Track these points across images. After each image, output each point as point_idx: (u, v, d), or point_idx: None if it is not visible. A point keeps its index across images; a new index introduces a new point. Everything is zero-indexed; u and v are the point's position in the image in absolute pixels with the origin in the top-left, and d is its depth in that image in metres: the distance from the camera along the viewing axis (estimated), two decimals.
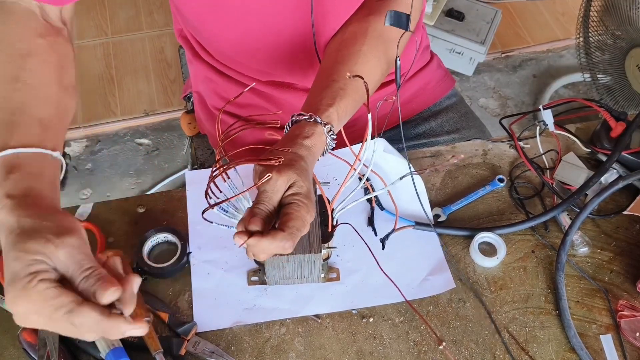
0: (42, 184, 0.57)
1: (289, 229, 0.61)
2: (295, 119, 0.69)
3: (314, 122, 0.68)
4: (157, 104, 2.09)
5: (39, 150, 0.59)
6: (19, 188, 0.55)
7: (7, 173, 0.56)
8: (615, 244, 0.83)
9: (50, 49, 0.68)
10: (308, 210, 0.63)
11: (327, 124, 0.69)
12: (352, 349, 0.73)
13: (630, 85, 1.58)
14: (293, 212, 0.62)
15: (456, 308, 0.77)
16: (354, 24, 0.81)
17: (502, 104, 2.16)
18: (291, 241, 0.61)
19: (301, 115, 0.69)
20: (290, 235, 0.61)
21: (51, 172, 0.60)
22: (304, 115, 0.69)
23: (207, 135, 1.11)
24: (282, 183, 0.63)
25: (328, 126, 0.69)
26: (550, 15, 2.43)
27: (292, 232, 0.61)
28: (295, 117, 0.69)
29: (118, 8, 2.40)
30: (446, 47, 2.07)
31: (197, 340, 0.72)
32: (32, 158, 0.58)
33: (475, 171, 0.91)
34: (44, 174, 0.58)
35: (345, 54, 0.78)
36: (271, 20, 0.82)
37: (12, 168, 0.56)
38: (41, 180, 0.57)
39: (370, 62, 0.78)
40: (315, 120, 0.68)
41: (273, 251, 0.62)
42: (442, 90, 1.09)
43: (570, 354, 0.73)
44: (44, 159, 0.59)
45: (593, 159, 0.91)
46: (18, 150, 0.57)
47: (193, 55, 0.99)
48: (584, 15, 1.65)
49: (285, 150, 0.65)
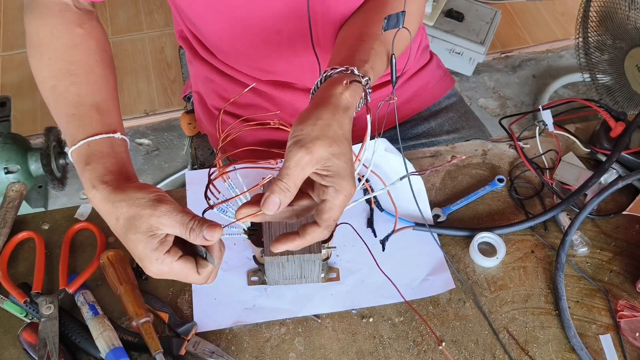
0: (116, 163, 0.64)
1: (325, 222, 0.57)
2: (328, 73, 0.63)
3: (350, 74, 0.62)
4: (157, 104, 2.09)
5: (104, 136, 0.66)
6: (99, 174, 0.62)
7: (85, 164, 0.63)
8: (614, 244, 0.83)
9: (89, 36, 0.74)
10: (347, 192, 0.57)
11: (365, 77, 0.63)
12: (352, 349, 0.73)
13: (629, 85, 1.58)
14: (330, 200, 0.57)
15: (456, 308, 0.77)
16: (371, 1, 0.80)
17: (501, 104, 2.16)
18: (327, 231, 0.58)
19: (335, 69, 0.63)
20: (326, 229, 0.58)
21: (120, 149, 0.67)
22: (339, 67, 0.62)
23: (207, 135, 1.11)
24: (310, 162, 0.56)
25: (366, 78, 0.63)
26: (549, 16, 2.43)
27: (329, 224, 0.58)
28: (329, 71, 0.63)
29: (118, 8, 2.40)
30: (446, 47, 2.07)
31: (197, 340, 0.72)
32: (100, 144, 0.65)
33: (475, 171, 0.91)
34: (116, 153, 0.65)
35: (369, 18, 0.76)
36: (271, 19, 0.82)
37: (88, 158, 0.64)
38: (115, 160, 0.65)
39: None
40: (352, 72, 0.62)
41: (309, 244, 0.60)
42: (442, 90, 1.10)
43: (570, 354, 0.73)
44: (111, 141, 0.66)
45: (592, 159, 0.91)
46: (87, 140, 0.65)
47: (193, 55, 0.99)
48: (583, 15, 1.66)
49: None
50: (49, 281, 0.77)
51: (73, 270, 0.78)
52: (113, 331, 0.70)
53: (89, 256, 0.79)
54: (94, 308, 0.72)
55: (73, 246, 0.80)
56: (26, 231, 0.80)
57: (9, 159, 1.37)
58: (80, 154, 0.65)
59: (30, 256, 0.79)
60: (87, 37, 0.74)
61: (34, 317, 0.73)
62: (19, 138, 1.44)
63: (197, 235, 0.57)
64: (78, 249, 0.80)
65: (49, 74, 0.71)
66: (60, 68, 0.71)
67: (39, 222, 0.83)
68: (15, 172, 1.38)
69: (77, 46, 0.73)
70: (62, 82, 0.70)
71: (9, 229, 0.80)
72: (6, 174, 1.37)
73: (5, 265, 0.77)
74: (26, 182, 1.39)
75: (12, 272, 0.78)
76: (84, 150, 0.65)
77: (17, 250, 0.80)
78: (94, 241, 0.80)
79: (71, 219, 0.83)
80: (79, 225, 0.81)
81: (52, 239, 0.81)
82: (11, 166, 1.37)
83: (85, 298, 0.73)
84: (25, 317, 0.74)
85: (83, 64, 0.72)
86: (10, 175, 1.37)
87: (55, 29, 0.73)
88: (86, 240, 0.81)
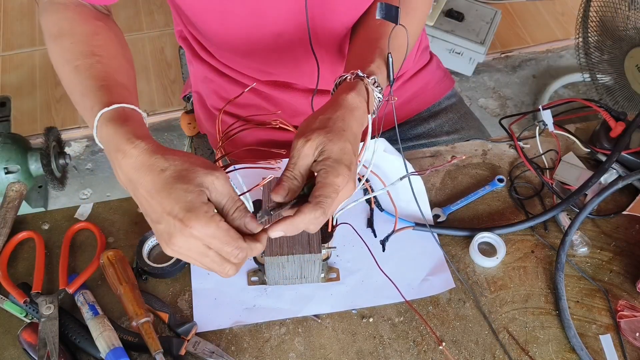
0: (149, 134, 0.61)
1: (316, 199, 0.57)
2: (338, 81, 0.68)
3: (356, 77, 0.66)
4: (157, 104, 2.10)
5: (135, 108, 0.64)
6: (141, 133, 0.59)
7: (124, 121, 0.60)
8: (614, 244, 0.83)
9: (108, 29, 0.75)
10: (337, 173, 0.58)
11: (370, 75, 0.66)
12: (352, 349, 0.73)
13: (629, 85, 1.58)
14: (321, 180, 0.58)
15: (456, 308, 0.77)
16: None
17: (501, 104, 2.16)
18: (320, 210, 0.57)
19: (342, 76, 0.67)
20: (318, 205, 0.57)
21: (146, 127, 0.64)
22: (344, 75, 0.67)
23: (207, 135, 1.11)
24: (309, 149, 0.59)
25: (372, 77, 0.66)
26: (549, 16, 2.43)
27: (319, 201, 0.57)
28: (338, 79, 0.68)
29: (118, 8, 2.39)
30: (446, 47, 2.07)
31: (197, 340, 0.72)
32: (132, 113, 0.63)
33: (475, 171, 0.91)
34: (145, 127, 0.63)
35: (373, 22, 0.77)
36: (271, 23, 0.82)
37: (126, 117, 0.61)
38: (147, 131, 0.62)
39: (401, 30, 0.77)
40: (357, 75, 0.66)
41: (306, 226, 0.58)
42: (442, 90, 1.09)
43: (570, 354, 0.73)
44: (139, 116, 0.64)
45: (593, 159, 0.91)
46: (124, 105, 0.62)
47: (193, 55, 0.99)
48: (583, 15, 1.66)
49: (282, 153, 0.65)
50: (49, 281, 0.77)
51: (73, 270, 0.78)
52: (113, 331, 0.70)
53: (89, 256, 0.80)
54: (94, 308, 0.72)
55: (73, 246, 0.80)
56: (26, 231, 0.80)
57: (9, 159, 1.37)
58: (115, 113, 0.61)
59: (30, 256, 0.79)
60: (107, 29, 0.74)
61: (34, 317, 0.73)
62: (19, 138, 1.44)
63: (241, 217, 0.56)
64: (78, 249, 0.80)
65: (72, 56, 0.69)
66: (84, 50, 0.69)
67: (39, 222, 0.83)
68: (15, 172, 1.38)
69: (98, 34, 0.72)
70: (87, 61, 0.68)
71: (9, 229, 0.80)
72: (6, 174, 1.37)
73: (5, 265, 0.77)
74: (26, 182, 1.39)
75: (12, 272, 0.78)
76: (120, 111, 0.62)
77: (17, 250, 0.80)
78: (94, 241, 0.80)
79: (71, 219, 0.83)
80: (79, 225, 0.81)
81: (52, 239, 0.81)
82: (11, 166, 1.37)
83: (85, 298, 0.73)
84: (25, 317, 0.74)
85: (105, 49, 0.71)
86: (10, 175, 1.37)
87: (75, 20, 0.73)
88: (86, 240, 0.81)
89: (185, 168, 0.55)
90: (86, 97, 0.65)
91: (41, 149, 1.38)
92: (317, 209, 0.57)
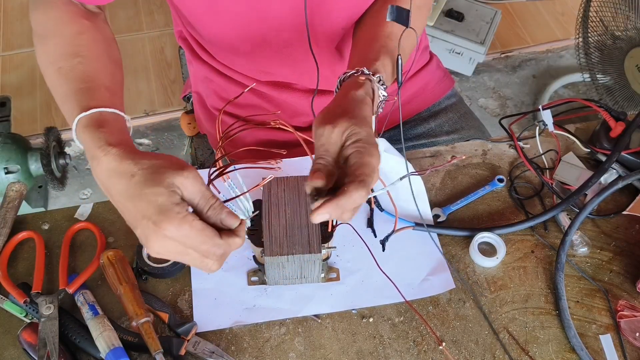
0: (128, 138, 0.62)
1: (358, 177, 0.57)
2: (342, 77, 0.68)
3: (361, 74, 0.67)
4: (157, 104, 2.09)
5: (115, 111, 0.64)
6: (115, 139, 0.59)
7: (98, 127, 0.61)
8: (614, 244, 0.83)
9: (95, 28, 0.74)
10: (371, 154, 0.59)
11: (376, 74, 0.67)
12: (352, 349, 0.73)
13: (629, 85, 1.58)
14: (357, 160, 0.58)
15: (456, 308, 0.77)
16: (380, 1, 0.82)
17: (501, 104, 2.16)
18: (365, 188, 0.57)
19: (347, 72, 0.68)
20: (362, 183, 0.57)
21: (127, 130, 0.65)
22: (350, 71, 0.67)
23: (207, 135, 1.11)
24: (338, 133, 0.60)
25: (377, 75, 0.67)
26: (549, 16, 2.43)
27: (362, 179, 0.57)
28: (342, 76, 0.68)
29: (118, 8, 2.40)
30: (446, 47, 2.07)
31: (197, 340, 0.72)
32: (111, 117, 0.63)
33: (475, 171, 0.91)
34: (124, 131, 0.64)
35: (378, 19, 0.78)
36: (270, 23, 0.82)
37: (102, 123, 0.61)
38: (126, 135, 0.63)
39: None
40: (363, 72, 0.67)
41: (352, 205, 0.58)
42: (442, 90, 1.10)
43: (570, 354, 0.73)
44: (120, 118, 0.64)
45: (592, 159, 0.91)
46: (102, 110, 0.63)
47: (192, 55, 0.99)
48: (583, 15, 1.66)
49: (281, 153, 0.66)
50: (49, 281, 0.77)
51: (73, 270, 0.78)
52: (113, 331, 0.70)
53: (89, 256, 0.79)
54: (94, 308, 0.72)
55: (73, 246, 0.80)
56: (26, 231, 0.80)
57: (9, 159, 1.37)
58: (91, 119, 0.62)
59: (30, 256, 0.79)
60: (94, 29, 0.74)
61: (33, 317, 0.73)
62: (19, 138, 1.44)
63: (216, 215, 0.56)
64: (78, 249, 0.80)
65: (55, 58, 0.70)
66: (67, 51, 0.70)
67: (39, 222, 0.83)
68: (15, 172, 1.38)
69: (83, 33, 0.72)
70: (69, 62, 0.68)
71: (9, 229, 0.80)
72: (6, 174, 1.37)
73: (5, 265, 0.77)
74: (26, 182, 1.39)
75: (12, 272, 0.78)
76: (97, 116, 0.62)
77: (17, 250, 0.80)
78: (94, 241, 0.80)
79: (71, 219, 0.83)
80: (79, 225, 0.81)
81: (52, 239, 0.81)
82: (11, 166, 1.37)
83: (85, 298, 0.73)
84: (25, 317, 0.74)
85: (90, 49, 0.71)
86: (10, 175, 1.37)
87: (61, 20, 0.73)
88: (86, 240, 0.81)
89: (154, 171, 0.55)
90: (67, 99, 0.66)
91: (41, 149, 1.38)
92: (363, 187, 0.57)
